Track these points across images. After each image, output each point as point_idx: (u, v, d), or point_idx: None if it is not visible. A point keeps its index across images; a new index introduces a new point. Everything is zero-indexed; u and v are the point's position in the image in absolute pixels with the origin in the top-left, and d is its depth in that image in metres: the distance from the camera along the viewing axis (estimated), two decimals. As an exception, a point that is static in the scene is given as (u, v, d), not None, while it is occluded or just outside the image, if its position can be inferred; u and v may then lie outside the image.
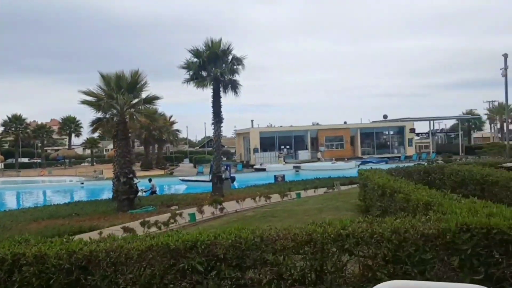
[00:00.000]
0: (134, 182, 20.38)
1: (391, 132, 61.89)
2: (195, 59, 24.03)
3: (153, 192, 28.20)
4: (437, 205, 5.76)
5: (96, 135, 73.49)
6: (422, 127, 64.95)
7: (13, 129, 66.57)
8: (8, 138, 70.64)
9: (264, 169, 45.48)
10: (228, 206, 17.66)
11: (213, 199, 16.92)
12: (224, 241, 4.52)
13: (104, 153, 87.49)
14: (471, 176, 10.26)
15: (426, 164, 20.19)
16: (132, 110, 19.16)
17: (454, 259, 4.29)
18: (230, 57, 24.41)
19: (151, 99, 20.42)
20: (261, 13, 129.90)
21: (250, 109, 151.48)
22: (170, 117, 60.41)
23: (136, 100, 19.84)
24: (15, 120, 66.39)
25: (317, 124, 65.82)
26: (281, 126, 60.47)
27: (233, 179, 32.92)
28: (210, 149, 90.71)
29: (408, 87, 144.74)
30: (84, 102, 19.41)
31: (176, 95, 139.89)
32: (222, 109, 24.63)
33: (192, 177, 37.11)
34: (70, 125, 72.17)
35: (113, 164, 22.24)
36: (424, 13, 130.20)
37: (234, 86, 24.87)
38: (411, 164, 21.84)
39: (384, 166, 23.72)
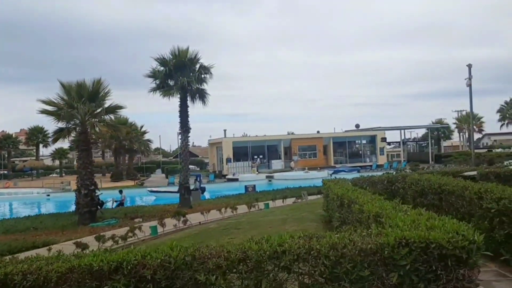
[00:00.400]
0: (96, 194, 19.75)
1: (363, 141, 62.62)
2: (162, 68, 23.68)
3: (121, 204, 27.49)
4: (385, 217, 5.59)
5: (67, 145, 71.94)
6: (395, 136, 65.93)
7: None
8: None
9: (236, 179, 45.14)
10: (192, 218, 17.27)
11: (176, 211, 16.50)
12: (152, 260, 4.21)
13: (75, 163, 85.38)
14: (430, 185, 10.21)
15: (394, 173, 20.29)
16: (94, 120, 18.53)
17: (393, 275, 4.09)
18: (197, 66, 24.15)
19: (113, 109, 19.90)
20: (236, 24, 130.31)
21: (226, 118, 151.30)
22: (141, 126, 59.54)
23: (99, 110, 19.23)
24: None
25: (292, 133, 66.13)
26: (256, 136, 60.32)
27: (203, 189, 32.45)
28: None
29: (381, 97, 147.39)
30: (43, 111, 18.77)
31: (151, 104, 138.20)
32: (190, 119, 24.33)
33: (161, 188, 36.42)
34: (37, 135, 70.13)
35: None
36: (396, 25, 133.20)
37: (202, 95, 24.60)
38: (380, 173, 21.93)
39: (356, 175, 23.76)
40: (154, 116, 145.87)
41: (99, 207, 26.24)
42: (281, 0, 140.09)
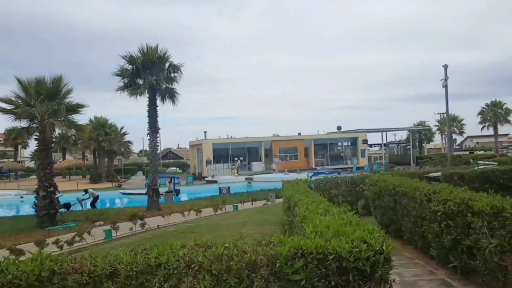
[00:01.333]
0: (56, 196, 18.89)
1: (345, 144, 62.33)
2: (130, 66, 22.89)
3: (96, 200, 26.69)
4: (309, 221, 4.98)
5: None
6: (378, 139, 65.70)
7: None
8: None
9: (215, 181, 44.37)
10: (153, 222, 16.56)
11: (132, 214, 15.74)
12: (1, 277, 3.52)
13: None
14: (386, 187, 9.66)
15: (371, 174, 19.78)
16: (52, 119, 17.66)
17: (285, 293, 3.47)
18: (167, 65, 23.44)
19: (75, 107, 19.06)
20: (224, 27, 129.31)
21: (214, 121, 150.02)
22: (121, 128, 58.38)
23: (58, 108, 18.36)
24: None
25: (277, 135, 65.63)
26: (236, 138, 59.61)
27: (177, 191, 31.68)
28: (170, 161, 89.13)
29: (368, 101, 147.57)
30: (0, 110, 17.85)
31: (135, 106, 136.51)
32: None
33: (134, 190, 35.49)
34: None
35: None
36: (381, 29, 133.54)
37: (171, 95, 23.88)
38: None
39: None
40: (141, 118, 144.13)
41: (64, 209, 25.47)
42: (268, 3, 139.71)
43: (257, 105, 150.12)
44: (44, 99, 18.21)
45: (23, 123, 19.07)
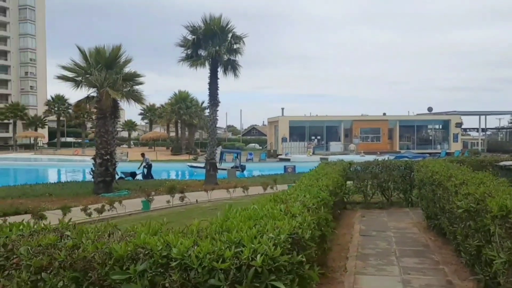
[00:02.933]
0: (111, 163, 19.28)
1: (435, 126, 57.43)
2: (192, 37, 22.50)
3: (150, 168, 27.24)
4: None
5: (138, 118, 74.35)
6: (480, 123, 59.02)
7: (55, 109, 68.64)
8: (51, 118, 73.06)
9: (288, 159, 43.44)
10: (196, 196, 16.13)
11: (170, 187, 15.40)
12: None
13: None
14: (426, 174, 7.96)
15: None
16: (107, 87, 17.87)
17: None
18: (229, 35, 22.64)
19: (131, 76, 19.15)
20: (319, 4, 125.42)
21: (300, 99, 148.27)
22: (202, 102, 59.54)
23: (115, 77, 18.55)
24: (58, 100, 68.38)
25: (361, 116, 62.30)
26: (318, 116, 57.70)
27: (243, 167, 31.33)
28: (253, 137, 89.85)
29: (476, 81, 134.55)
30: (60, 77, 18.48)
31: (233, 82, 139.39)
32: (219, 91, 23.04)
33: (200, 163, 35.78)
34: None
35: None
36: (492, 2, 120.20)
37: (233, 67, 23.16)
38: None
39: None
40: (224, 95, 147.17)
41: (130, 178, 26.31)
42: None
43: (349, 84, 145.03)
44: (102, 68, 18.46)
45: (84, 91, 19.64)
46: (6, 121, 71.18)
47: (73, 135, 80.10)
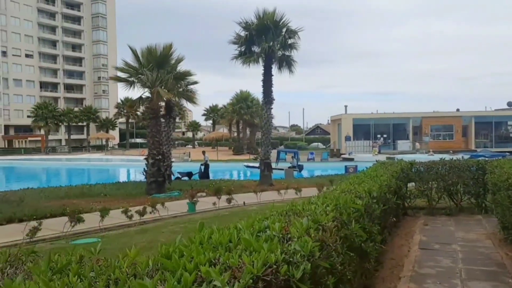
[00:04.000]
0: (165, 164, 19.06)
1: (516, 123, 52.55)
2: (244, 33, 21.80)
3: (207, 167, 26.94)
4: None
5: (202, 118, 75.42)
6: None
7: (125, 111, 71.49)
8: (121, 120, 76.34)
9: (352, 159, 41.57)
10: (242, 198, 15.32)
11: (216, 188, 14.71)
12: None
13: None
14: (500, 176, 6.50)
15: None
16: (158, 87, 17.63)
17: None
18: (283, 30, 21.67)
19: (182, 75, 18.81)
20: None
21: (370, 97, 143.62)
22: (264, 101, 58.98)
23: (166, 76, 18.30)
24: (126, 102, 71.13)
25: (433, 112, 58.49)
26: (384, 113, 54.98)
27: (300, 167, 30.20)
28: (317, 136, 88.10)
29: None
30: (112, 78, 18.54)
31: (283, 82, 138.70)
32: (273, 89, 22.15)
33: (256, 163, 35.06)
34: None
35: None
36: None
37: (288, 63, 22.16)
38: None
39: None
40: (287, 94, 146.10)
41: (186, 178, 26.18)
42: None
43: (418, 80, 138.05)
44: (154, 67, 18.28)
45: (136, 91, 19.64)
46: (80, 123, 75.41)
47: (140, 136, 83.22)
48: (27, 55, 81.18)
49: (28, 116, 70.42)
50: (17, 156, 61.49)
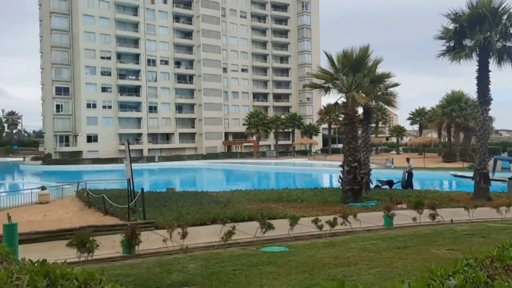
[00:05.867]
0: (362, 172, 18.19)
1: None
2: (453, 25, 19.25)
3: (410, 175, 24.76)
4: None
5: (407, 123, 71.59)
6: None
7: (327, 117, 72.89)
8: (324, 126, 78.15)
9: None
10: (450, 214, 13.21)
11: (417, 202, 12.96)
12: None
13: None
14: None
15: None
16: (354, 91, 16.89)
17: None
18: (503, 18, 18.35)
19: (379, 78, 17.59)
20: None
21: None
22: (480, 102, 51.96)
23: (361, 80, 17.46)
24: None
25: None
26: None
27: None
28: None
29: None
30: (308, 85, 18.62)
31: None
32: (491, 87, 18.92)
33: (466, 173, 30.41)
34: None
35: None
36: None
37: (510, 56, 18.64)
38: None
39: None
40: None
41: (386, 187, 24.62)
42: None
43: None
44: (349, 71, 17.66)
45: (333, 97, 19.27)
46: (286, 130, 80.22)
47: (342, 141, 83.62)
48: (242, 70, 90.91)
49: (243, 124, 78.55)
50: (234, 160, 69.09)
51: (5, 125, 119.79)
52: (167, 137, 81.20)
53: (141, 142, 75.91)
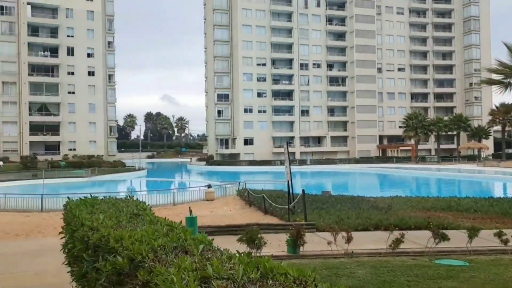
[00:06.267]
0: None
1: None
2: None
3: None
4: None
5: None
6: None
7: (500, 118, 64.66)
8: (496, 128, 69.35)
9: None
10: None
11: None
12: None
13: None
14: None
15: None
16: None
17: None
18: None
19: None
20: None
21: None
22: None
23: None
24: (501, 108, 64.14)
25: None
26: None
27: None
28: None
29: None
30: (483, 81, 16.46)
31: None
32: None
33: None
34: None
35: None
36: None
37: None
38: None
39: None
40: None
41: None
42: None
43: None
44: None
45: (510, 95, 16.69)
46: (450, 132, 73.48)
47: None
48: (399, 69, 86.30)
49: (400, 127, 74.43)
50: (389, 164, 65.95)
51: (175, 130, 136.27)
52: (318, 140, 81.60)
53: (293, 145, 77.70)
